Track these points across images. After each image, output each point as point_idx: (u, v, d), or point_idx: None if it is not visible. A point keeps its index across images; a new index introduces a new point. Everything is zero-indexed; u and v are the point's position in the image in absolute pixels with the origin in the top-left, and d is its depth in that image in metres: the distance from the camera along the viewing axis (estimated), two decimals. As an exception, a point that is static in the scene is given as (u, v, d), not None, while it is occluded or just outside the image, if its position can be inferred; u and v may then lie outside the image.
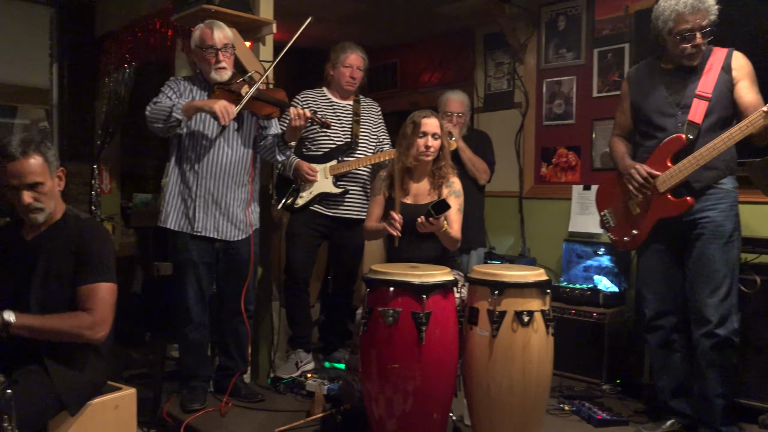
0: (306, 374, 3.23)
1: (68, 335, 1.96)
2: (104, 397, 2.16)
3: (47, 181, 2.05)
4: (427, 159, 2.77)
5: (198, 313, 2.95)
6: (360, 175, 3.42)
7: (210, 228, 2.91)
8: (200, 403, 2.91)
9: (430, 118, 2.78)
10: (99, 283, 2.03)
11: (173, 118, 2.73)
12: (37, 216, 2.07)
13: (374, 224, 2.84)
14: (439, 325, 2.25)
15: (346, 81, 3.38)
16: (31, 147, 2.02)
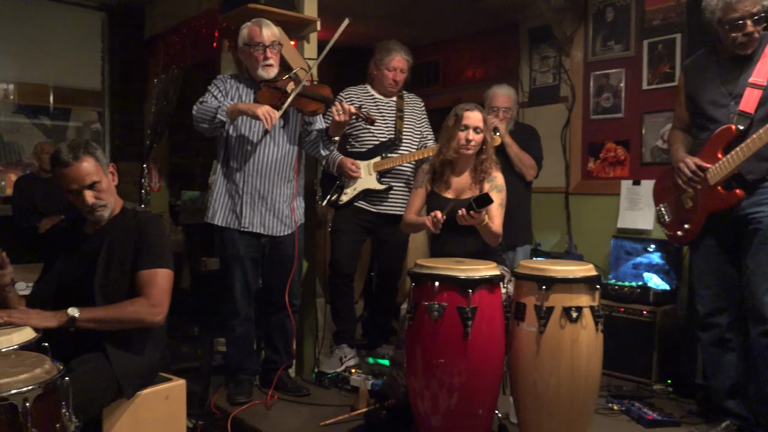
0: (350, 369, 3.24)
1: (129, 322, 2.03)
2: (155, 387, 2.22)
3: (102, 178, 2.14)
4: (467, 153, 2.73)
5: (244, 307, 2.99)
6: (404, 172, 3.41)
7: (256, 223, 2.95)
8: (246, 396, 2.95)
9: (473, 111, 2.74)
10: (156, 269, 2.11)
11: (218, 119, 2.79)
12: (102, 213, 2.16)
13: (414, 217, 2.83)
14: (485, 320, 2.23)
15: (389, 83, 3.39)
16: (81, 150, 2.10)
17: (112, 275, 2.11)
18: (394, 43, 3.40)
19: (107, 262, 2.12)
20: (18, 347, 1.76)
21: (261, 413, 2.85)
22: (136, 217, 2.21)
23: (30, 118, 7.52)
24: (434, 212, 2.58)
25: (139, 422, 2.14)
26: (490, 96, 3.57)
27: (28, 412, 1.41)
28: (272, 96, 2.90)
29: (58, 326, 1.94)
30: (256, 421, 2.78)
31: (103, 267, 2.11)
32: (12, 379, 1.42)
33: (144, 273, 2.09)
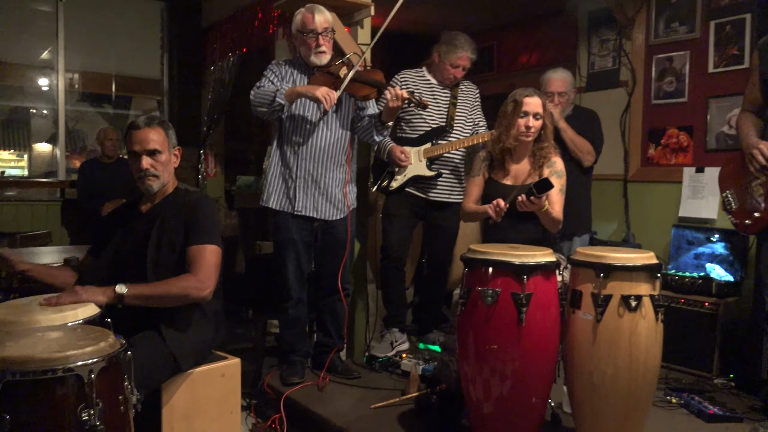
0: (401, 354, 3.24)
1: (176, 297, 2.07)
2: (212, 365, 2.26)
3: (165, 152, 2.23)
4: (527, 139, 2.68)
5: (297, 290, 3.03)
6: (452, 159, 3.38)
7: (309, 207, 2.97)
8: (299, 377, 2.99)
9: (533, 96, 2.68)
10: (204, 245, 2.14)
11: (276, 102, 2.80)
12: (151, 183, 2.22)
13: (473, 206, 2.79)
14: (540, 307, 2.18)
15: (448, 77, 3.35)
16: (155, 121, 2.23)
17: (163, 252, 2.16)
18: (464, 40, 3.31)
19: (158, 240, 2.17)
20: (83, 322, 1.83)
21: (313, 394, 2.89)
22: (187, 196, 2.27)
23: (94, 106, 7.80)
24: (497, 200, 2.53)
25: (196, 398, 2.19)
26: (545, 81, 3.48)
27: (93, 384, 1.45)
28: (325, 81, 2.91)
29: (107, 302, 1.98)
30: (309, 401, 2.81)
31: (155, 244, 2.16)
32: (78, 352, 1.47)
33: (192, 249, 2.13)
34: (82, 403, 1.44)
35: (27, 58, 5.87)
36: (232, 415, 2.31)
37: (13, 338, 1.55)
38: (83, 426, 1.44)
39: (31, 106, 9.24)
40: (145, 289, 2.04)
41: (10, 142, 11.80)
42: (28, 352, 1.44)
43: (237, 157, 5.70)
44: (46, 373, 1.41)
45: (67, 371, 1.43)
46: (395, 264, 3.36)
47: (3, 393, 1.38)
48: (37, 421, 1.41)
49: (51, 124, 9.62)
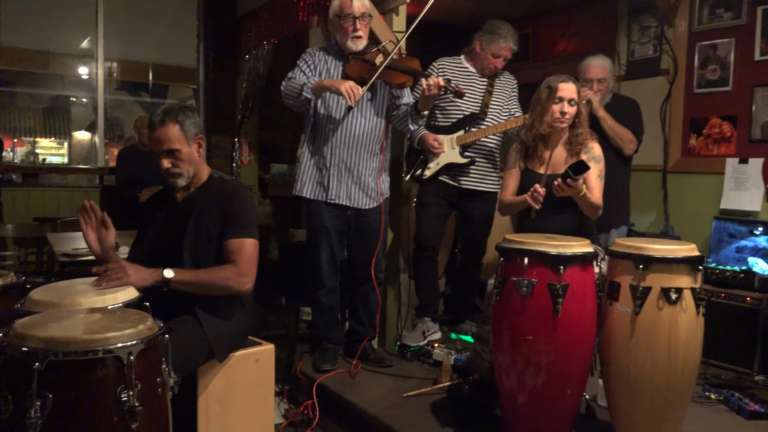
0: (432, 344, 3.23)
1: (218, 287, 2.09)
2: (247, 350, 2.29)
3: (183, 147, 2.17)
4: (561, 126, 2.64)
5: (330, 278, 3.03)
6: (486, 145, 3.34)
7: (343, 196, 2.97)
8: (331, 365, 3.00)
9: (567, 82, 2.63)
10: (244, 239, 2.14)
11: (303, 96, 2.82)
12: (176, 180, 2.22)
13: (510, 197, 2.75)
14: (576, 298, 2.14)
15: (488, 67, 3.31)
16: (169, 116, 2.16)
17: (200, 243, 2.16)
18: (507, 30, 3.26)
19: (196, 231, 2.17)
20: (122, 305, 1.86)
21: (345, 381, 2.90)
22: (222, 185, 2.25)
23: (131, 95, 7.94)
24: (534, 186, 2.49)
25: (231, 382, 2.22)
26: (583, 67, 3.41)
27: (132, 365, 1.47)
28: (360, 68, 2.89)
29: (153, 285, 2.02)
30: (341, 388, 2.82)
31: (192, 235, 2.17)
32: (118, 334, 1.49)
33: (231, 242, 2.13)
34: (122, 384, 1.46)
35: (67, 47, 5.99)
36: (265, 400, 2.34)
37: (56, 319, 1.58)
38: (122, 406, 1.46)
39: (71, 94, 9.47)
40: (191, 276, 2.07)
41: (52, 130, 12.11)
42: (70, 333, 1.47)
43: (270, 145, 5.73)
44: (87, 353, 1.44)
45: (107, 353, 1.45)
46: (428, 253, 3.34)
47: (46, 372, 1.40)
48: (78, 401, 1.43)
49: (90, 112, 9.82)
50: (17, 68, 6.58)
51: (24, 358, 1.41)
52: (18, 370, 1.42)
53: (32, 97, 10.15)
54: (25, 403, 1.38)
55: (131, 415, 1.46)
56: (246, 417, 2.27)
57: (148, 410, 1.51)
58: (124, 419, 1.46)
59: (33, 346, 1.42)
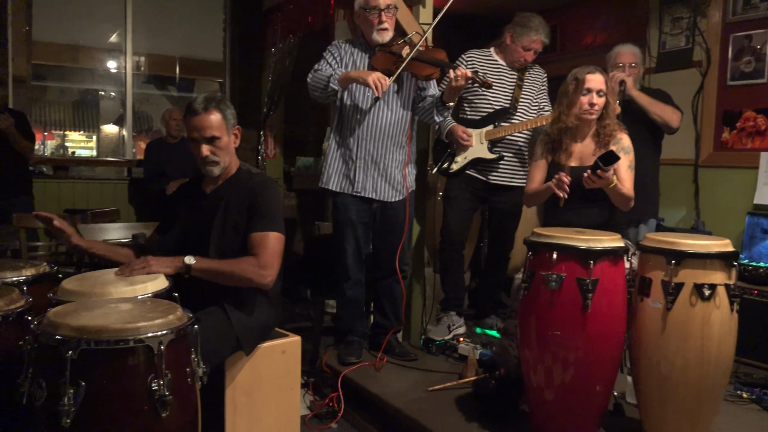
0: (458, 338, 3.21)
1: (239, 279, 2.09)
2: (273, 342, 2.29)
3: (224, 136, 2.19)
4: (590, 118, 2.60)
5: (355, 270, 3.03)
6: (515, 142, 3.30)
7: (368, 188, 2.97)
8: (356, 357, 3.01)
9: (595, 73, 2.59)
10: (268, 232, 2.13)
11: (330, 88, 2.82)
12: (212, 168, 2.21)
13: (536, 187, 2.72)
14: (606, 293, 2.11)
15: (518, 60, 3.27)
16: (212, 104, 2.17)
17: (227, 236, 2.17)
18: (539, 23, 3.21)
19: (223, 222, 2.17)
20: (152, 295, 1.88)
21: (370, 374, 2.90)
22: (251, 178, 2.25)
23: (159, 88, 8.01)
24: (558, 174, 2.46)
25: (257, 373, 2.23)
26: (614, 55, 3.37)
27: (163, 355, 1.49)
28: (387, 60, 2.88)
29: (174, 272, 2.03)
30: (366, 381, 2.83)
31: (219, 228, 2.17)
32: (149, 323, 1.51)
33: (256, 235, 2.12)
34: (152, 373, 1.48)
35: (97, 41, 6.06)
36: (292, 391, 2.34)
37: (88, 308, 1.61)
38: (153, 395, 1.47)
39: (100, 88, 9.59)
40: (212, 264, 2.08)
41: (81, 123, 12.32)
42: (102, 322, 1.49)
43: (296, 138, 5.75)
44: (118, 342, 1.46)
45: (138, 342, 1.47)
46: (455, 247, 3.32)
47: (79, 360, 1.42)
48: (110, 389, 1.45)
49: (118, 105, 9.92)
50: (49, 62, 6.67)
51: (57, 346, 1.43)
52: (52, 357, 1.44)
53: (62, 91, 10.31)
54: (58, 390, 1.41)
55: (161, 403, 1.48)
56: (272, 408, 2.28)
57: (178, 399, 1.52)
58: (154, 408, 1.48)
59: (66, 335, 1.45)
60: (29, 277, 1.99)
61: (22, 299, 1.76)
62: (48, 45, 5.96)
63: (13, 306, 1.70)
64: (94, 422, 1.43)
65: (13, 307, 1.69)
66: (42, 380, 1.46)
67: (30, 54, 5.34)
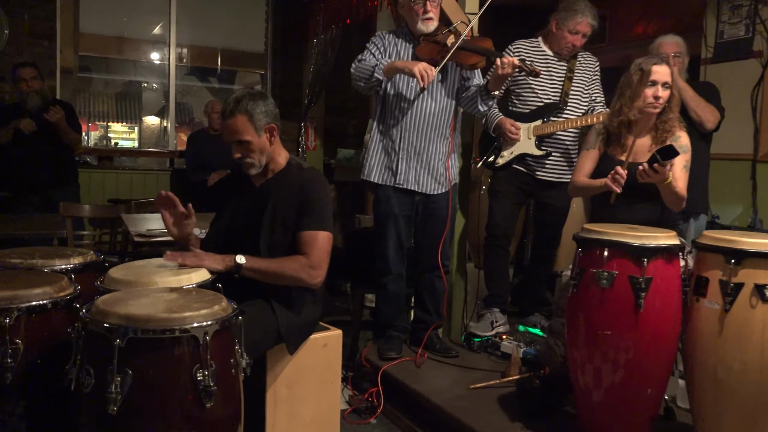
0: (500, 335, 3.17)
1: (288, 278, 2.09)
2: (315, 335, 2.30)
3: (253, 138, 2.14)
4: (654, 111, 2.52)
5: (397, 264, 3.02)
6: (563, 140, 3.23)
7: (411, 181, 2.95)
8: (396, 353, 3.00)
9: (661, 65, 2.51)
10: (318, 231, 2.13)
11: (374, 78, 2.80)
12: (249, 169, 2.21)
13: (585, 180, 2.65)
14: (660, 292, 2.04)
15: (566, 46, 3.19)
16: (239, 106, 2.12)
17: (276, 234, 2.16)
18: (584, 5, 3.13)
19: (272, 219, 2.17)
20: (196, 285, 1.90)
21: (410, 370, 2.88)
22: (300, 173, 2.23)
23: (201, 80, 8.14)
24: (615, 168, 2.39)
25: (299, 366, 2.24)
26: (656, 46, 3.27)
27: (208, 345, 1.50)
28: (431, 50, 2.85)
29: (225, 270, 2.04)
30: (406, 377, 2.81)
31: (269, 224, 2.17)
32: (194, 313, 1.52)
33: (305, 234, 2.12)
34: (197, 363, 1.50)
35: (141, 32, 6.19)
36: (332, 385, 2.35)
37: (135, 297, 1.63)
38: (198, 385, 1.49)
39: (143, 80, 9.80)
40: (262, 264, 2.08)
41: (123, 114, 12.64)
42: (149, 311, 1.51)
43: (336, 130, 5.77)
44: (164, 332, 1.48)
45: (184, 332, 1.49)
46: (500, 243, 3.28)
47: (126, 349, 1.45)
48: (156, 378, 1.48)
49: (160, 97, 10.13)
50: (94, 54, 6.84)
51: (105, 334, 1.46)
52: (100, 345, 1.47)
53: (106, 83, 10.59)
54: (106, 377, 1.43)
55: (206, 394, 1.50)
56: (312, 401, 2.29)
57: (222, 390, 1.54)
58: (198, 398, 1.50)
59: (114, 323, 1.47)
60: (77, 265, 2.03)
61: (71, 287, 1.80)
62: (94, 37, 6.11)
63: (62, 293, 1.73)
64: (139, 410, 1.46)
65: (62, 294, 1.73)
66: (90, 367, 1.49)
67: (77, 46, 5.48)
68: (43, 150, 4.18)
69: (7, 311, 1.61)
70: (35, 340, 1.65)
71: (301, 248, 2.12)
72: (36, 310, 1.66)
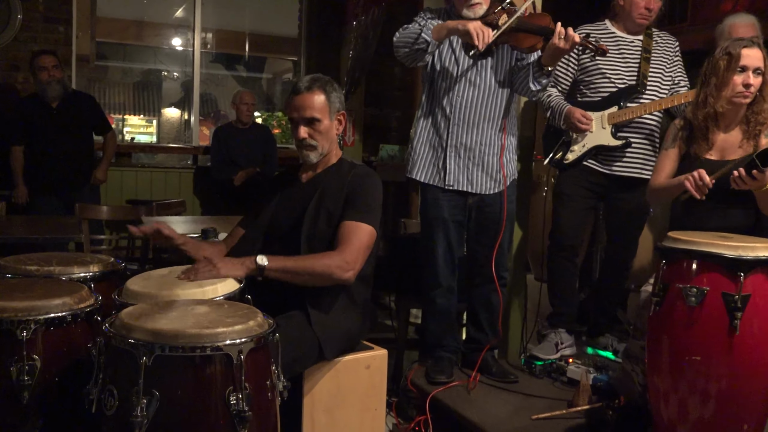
0: (566, 359, 3.13)
1: (318, 275, 2.12)
2: (356, 355, 2.30)
3: (324, 119, 2.26)
4: (744, 101, 2.45)
5: (447, 276, 3.00)
6: (646, 124, 3.16)
7: (462, 181, 2.93)
8: (447, 376, 2.97)
9: (752, 47, 2.44)
10: (360, 223, 2.18)
11: (422, 39, 2.74)
12: (309, 153, 2.29)
13: (664, 182, 2.59)
14: (759, 312, 1.99)
15: (640, 14, 3.11)
16: (317, 84, 2.26)
17: (319, 225, 2.23)
18: None
19: (316, 212, 2.24)
20: (223, 297, 1.91)
21: (463, 396, 2.86)
22: (352, 169, 2.32)
23: (227, 68, 8.26)
24: (698, 171, 2.33)
25: (339, 388, 2.24)
26: (725, 28, 3.25)
27: (242, 365, 1.51)
28: None
29: (246, 274, 2.06)
30: (458, 404, 2.79)
31: (312, 216, 2.24)
32: (228, 329, 1.53)
33: (346, 224, 2.17)
34: (231, 385, 1.50)
35: (162, 16, 6.31)
36: (376, 412, 2.34)
37: (162, 310, 1.65)
38: (231, 410, 1.50)
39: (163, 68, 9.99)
40: (288, 263, 2.10)
41: (141, 106, 12.92)
42: (178, 326, 1.53)
43: (377, 123, 5.78)
44: (194, 350, 1.49)
45: (216, 350, 1.50)
46: (567, 253, 3.24)
47: (153, 367, 1.46)
48: (186, 401, 1.49)
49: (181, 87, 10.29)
50: (112, 39, 7.00)
51: (131, 350, 1.48)
52: (124, 363, 1.49)
53: (124, 72, 10.83)
54: (131, 399, 1.45)
55: (240, 420, 1.51)
56: (354, 429, 2.29)
57: (257, 416, 1.55)
58: (231, 424, 1.51)
59: (140, 339, 1.49)
60: (97, 273, 2.08)
61: (91, 297, 1.84)
62: (112, 21, 6.26)
63: (82, 305, 1.77)
64: (168, 436, 1.47)
65: (83, 306, 1.77)
66: (113, 387, 1.51)
67: (94, 31, 5.62)
68: (63, 148, 4.31)
69: (23, 324, 1.65)
70: (54, 356, 1.69)
71: (339, 239, 2.16)
72: (54, 323, 1.70)
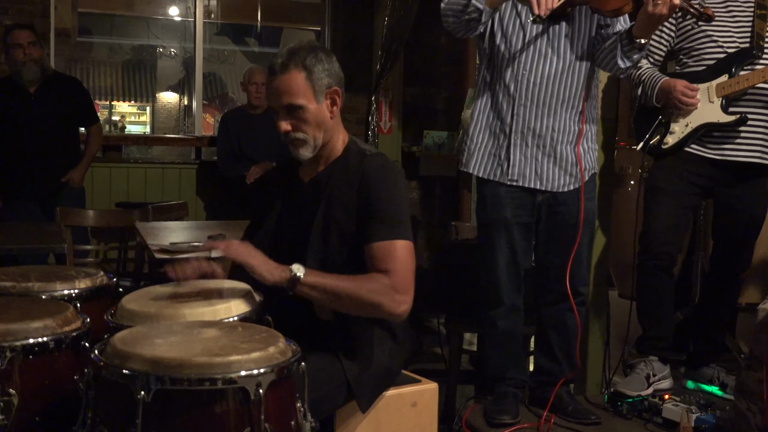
0: (661, 394, 3.11)
1: (364, 304, 2.06)
2: (400, 389, 2.29)
3: (309, 103, 2.12)
4: None
5: (510, 292, 2.99)
6: (766, 95, 3.12)
7: (529, 174, 2.92)
8: (511, 416, 2.97)
9: None
10: (394, 241, 2.09)
11: (472, 6, 2.73)
12: (298, 149, 2.18)
13: None
14: None
15: None
16: (294, 60, 2.10)
17: (330, 248, 2.17)
18: None
19: (326, 229, 2.17)
20: (237, 318, 1.91)
21: (532, 442, 2.87)
22: (362, 162, 2.20)
23: (235, 42, 8.33)
24: None
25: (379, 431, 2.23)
26: None
27: (261, 401, 1.50)
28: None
29: (275, 283, 2.01)
30: (526, 451, 2.79)
31: (320, 234, 2.17)
32: (243, 357, 1.53)
33: (377, 246, 2.08)
34: (248, 426, 1.50)
35: (157, -20, 6.39)
36: (425, 460, 2.34)
37: (164, 334, 1.66)
38: (247, 457, 1.50)
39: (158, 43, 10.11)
40: (328, 280, 2.04)
41: (132, 90, 13.13)
42: (183, 353, 1.53)
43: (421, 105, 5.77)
44: (203, 383, 1.49)
45: (229, 382, 1.49)
46: (662, 263, 3.21)
47: (152, 404, 1.46)
48: (192, 447, 1.49)
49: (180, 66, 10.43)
50: (97, 9, 7.09)
51: (125, 383, 1.48)
52: (118, 398, 1.50)
53: (111, 49, 10.96)
54: (126, 442, 1.46)
55: (259, 470, 1.50)
56: (398, 482, 2.29)
57: (281, 465, 1.54)
58: (248, 473, 1.50)
59: (137, 369, 1.49)
60: (84, 291, 2.10)
61: (78, 319, 1.85)
62: (96, -12, 6.36)
63: (67, 328, 1.78)
64: (170, 489, 1.48)
65: (68, 329, 1.78)
66: (104, 428, 1.52)
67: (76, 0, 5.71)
68: (42, 142, 4.37)
69: (-4, 351, 1.67)
70: (33, 389, 1.70)
71: (376, 264, 2.08)
72: (34, 351, 1.71)
